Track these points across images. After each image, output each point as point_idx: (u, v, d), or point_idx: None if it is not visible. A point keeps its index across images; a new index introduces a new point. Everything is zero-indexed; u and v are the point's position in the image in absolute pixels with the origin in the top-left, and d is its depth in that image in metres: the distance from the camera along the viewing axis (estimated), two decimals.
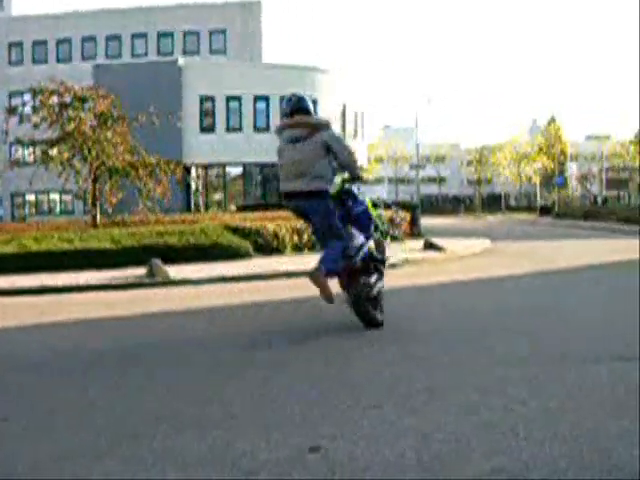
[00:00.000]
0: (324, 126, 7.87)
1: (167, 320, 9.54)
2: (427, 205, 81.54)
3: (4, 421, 4.87)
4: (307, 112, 8.05)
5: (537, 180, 79.31)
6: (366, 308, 7.62)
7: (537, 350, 6.49)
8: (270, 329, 8.23)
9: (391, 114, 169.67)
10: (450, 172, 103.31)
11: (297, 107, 8.10)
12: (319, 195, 7.66)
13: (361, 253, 7.78)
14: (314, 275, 7.42)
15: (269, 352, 6.87)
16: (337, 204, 7.86)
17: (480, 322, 8.29)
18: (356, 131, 49.34)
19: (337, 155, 7.72)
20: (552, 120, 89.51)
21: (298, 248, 19.05)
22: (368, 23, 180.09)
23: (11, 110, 24.70)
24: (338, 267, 7.61)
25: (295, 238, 19.11)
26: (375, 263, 8.06)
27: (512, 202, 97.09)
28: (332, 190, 7.81)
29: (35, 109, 22.82)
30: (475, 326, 7.99)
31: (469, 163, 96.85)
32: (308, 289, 8.17)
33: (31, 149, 24.47)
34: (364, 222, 8.13)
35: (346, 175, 8.00)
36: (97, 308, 10.74)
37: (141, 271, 14.21)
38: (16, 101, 41.79)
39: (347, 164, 7.82)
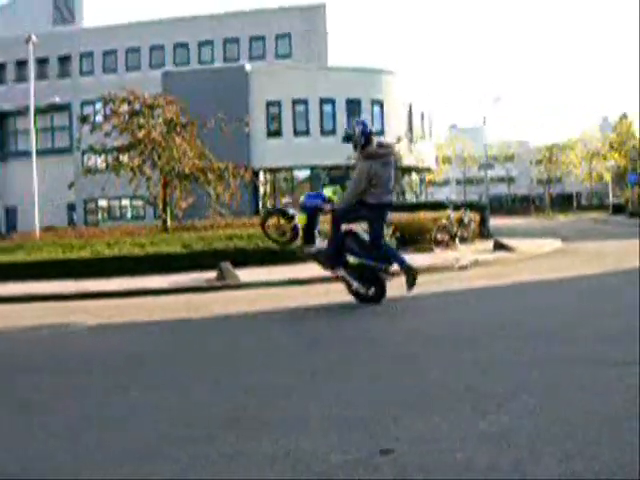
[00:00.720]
0: (393, 148, 10.48)
1: (241, 322, 9.62)
2: (496, 205, 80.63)
3: (82, 419, 4.97)
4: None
5: (609, 178, 77.62)
6: None
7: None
8: (343, 331, 8.22)
9: (458, 113, 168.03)
10: (519, 171, 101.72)
11: (368, 133, 10.16)
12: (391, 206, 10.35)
13: None
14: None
15: (341, 353, 6.86)
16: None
17: (561, 324, 8.13)
18: (423, 131, 49.04)
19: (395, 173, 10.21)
20: (624, 116, 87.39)
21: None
22: (434, 22, 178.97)
23: (83, 119, 25.23)
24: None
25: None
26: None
27: (583, 201, 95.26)
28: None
29: (106, 117, 23.32)
30: (559, 328, 7.84)
31: (538, 162, 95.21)
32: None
33: (103, 156, 24.98)
34: None
35: None
36: (169, 311, 10.90)
37: (211, 275, 14.37)
38: (88, 110, 42.73)
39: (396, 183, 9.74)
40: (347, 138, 10.33)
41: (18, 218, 52.30)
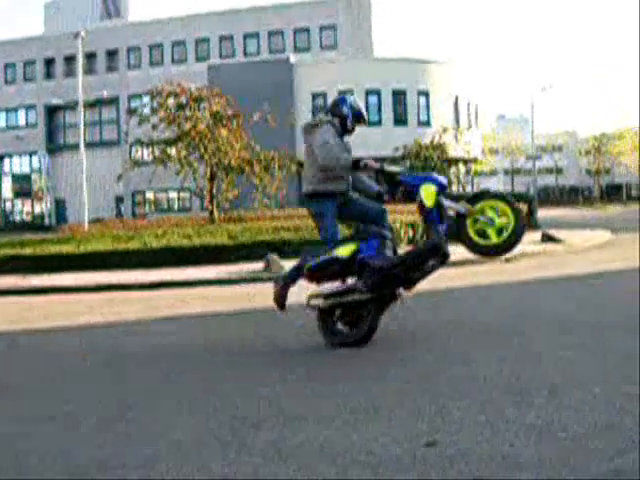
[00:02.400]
0: (315, 126, 7.13)
1: (289, 314, 9.64)
2: (544, 196, 79.69)
3: (129, 410, 5.04)
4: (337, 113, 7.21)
5: None
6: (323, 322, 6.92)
7: None
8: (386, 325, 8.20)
9: (506, 103, 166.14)
10: (567, 162, 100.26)
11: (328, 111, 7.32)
12: (309, 198, 7.11)
13: (319, 260, 6.84)
14: (274, 280, 7.42)
15: (387, 348, 6.84)
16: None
17: (608, 317, 8.02)
18: (469, 122, 48.61)
19: (317, 156, 6.90)
20: None
21: (412, 242, 18.91)
22: (481, 10, 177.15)
23: (131, 112, 25.52)
24: (293, 276, 7.23)
25: (410, 232, 18.98)
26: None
27: (634, 192, 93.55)
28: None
29: (153, 110, 23.53)
30: (605, 322, 7.74)
31: (587, 152, 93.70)
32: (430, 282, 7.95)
33: (150, 149, 25.23)
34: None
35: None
36: (216, 302, 10.98)
37: (258, 266, 14.43)
38: (135, 103, 43.21)
39: (323, 165, 6.84)
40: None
41: (67, 210, 53.14)
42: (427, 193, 6.61)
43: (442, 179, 6.89)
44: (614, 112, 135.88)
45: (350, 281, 6.80)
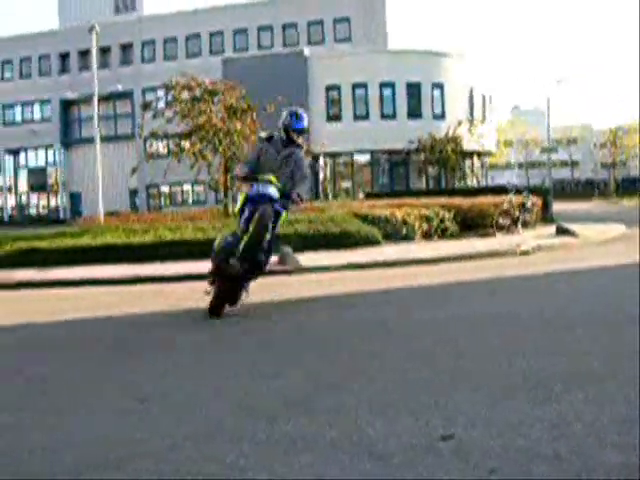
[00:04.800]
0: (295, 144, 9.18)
1: (302, 305, 9.67)
2: (559, 190, 79.26)
3: (142, 402, 5.06)
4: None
5: None
6: None
7: None
8: (403, 316, 8.20)
9: (521, 95, 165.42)
10: (582, 155, 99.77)
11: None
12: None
13: None
14: None
15: (400, 342, 6.85)
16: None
17: (623, 312, 7.99)
18: (484, 115, 48.46)
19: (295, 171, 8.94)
20: None
21: (427, 235, 18.90)
22: (495, 2, 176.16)
23: (145, 106, 25.57)
24: None
25: (424, 225, 18.96)
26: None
27: None
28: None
29: (168, 103, 23.57)
30: (621, 317, 7.71)
31: (602, 145, 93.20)
32: (442, 275, 8.04)
33: (165, 142, 25.29)
34: None
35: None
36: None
37: (272, 259, 14.42)
38: (150, 97, 43.29)
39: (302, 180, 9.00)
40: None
41: (82, 203, 53.39)
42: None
43: None
44: (630, 105, 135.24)
45: None
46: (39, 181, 58.10)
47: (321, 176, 45.01)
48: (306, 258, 14.55)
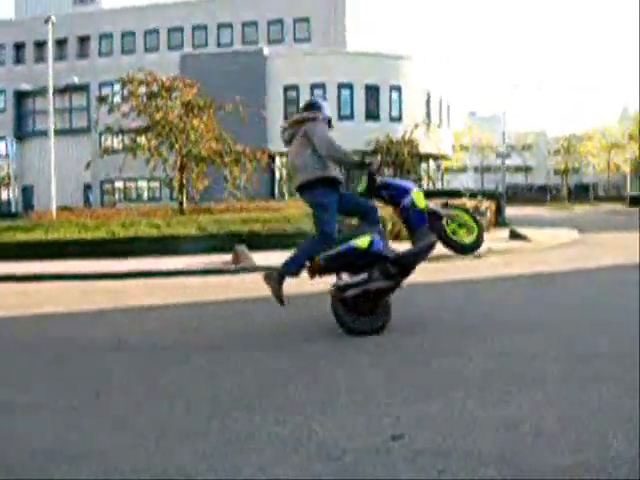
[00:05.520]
0: (307, 119, 7.54)
1: (252, 306, 9.64)
2: (513, 194, 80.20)
3: (97, 398, 5.00)
4: (314, 109, 7.74)
5: (627, 170, 77.02)
6: (336, 310, 7.03)
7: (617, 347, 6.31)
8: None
9: (477, 101, 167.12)
10: (536, 161, 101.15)
11: (303, 109, 7.83)
12: (308, 187, 7.29)
13: (334, 251, 6.98)
14: (267, 277, 7.25)
15: (348, 340, 6.86)
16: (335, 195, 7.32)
17: (573, 317, 8.11)
18: (441, 119, 48.82)
19: (316, 147, 7.25)
20: None
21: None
22: (454, 8, 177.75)
23: (101, 100, 25.26)
24: (296, 268, 7.24)
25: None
26: (376, 261, 7.05)
27: (600, 192, 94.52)
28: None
29: (124, 98, 23.34)
30: (572, 321, 7.83)
31: (556, 152, 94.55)
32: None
33: (120, 137, 25.03)
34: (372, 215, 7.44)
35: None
36: (181, 293, 10.93)
37: (226, 257, 14.39)
38: (106, 91, 42.81)
39: (328, 155, 7.22)
40: None
41: (35, 197, 52.59)
42: (418, 197, 7.41)
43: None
44: (583, 114, 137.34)
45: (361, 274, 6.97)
46: None
47: (277, 176, 44.96)
48: (260, 257, 14.51)
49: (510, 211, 34.30)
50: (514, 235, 19.69)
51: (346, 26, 49.60)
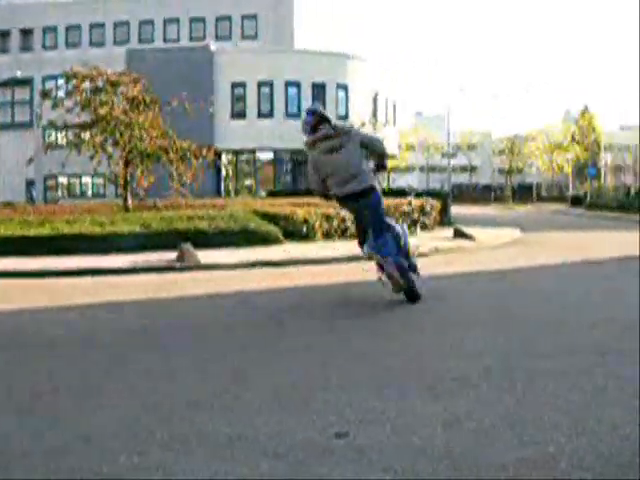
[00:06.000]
0: (350, 130, 8.98)
1: (196, 303, 9.60)
2: (458, 194, 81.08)
3: (54, 393, 4.94)
4: (328, 121, 8.90)
5: (569, 170, 78.46)
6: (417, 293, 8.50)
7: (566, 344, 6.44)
8: (297, 313, 8.24)
9: (423, 101, 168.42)
10: (481, 161, 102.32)
11: (319, 120, 8.90)
12: (370, 192, 8.52)
13: (405, 240, 8.62)
14: (387, 270, 8.28)
15: (295, 336, 6.88)
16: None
17: (518, 311, 8.24)
18: (387, 118, 49.13)
19: (373, 148, 8.75)
20: (585, 110, 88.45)
21: (328, 235, 19.00)
22: (402, 10, 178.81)
23: (45, 94, 24.81)
24: (399, 259, 8.35)
25: (325, 225, 19.05)
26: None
27: (543, 192, 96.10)
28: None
29: (68, 93, 22.98)
30: (519, 317, 7.95)
31: (500, 152, 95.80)
32: (335, 274, 8.14)
33: (64, 133, 24.63)
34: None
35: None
36: (126, 291, 10.83)
37: (171, 255, 14.28)
38: (50, 85, 42.08)
39: (381, 153, 8.83)
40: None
41: None
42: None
43: None
44: (527, 115, 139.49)
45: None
46: None
47: (223, 173, 44.75)
48: (205, 255, 14.43)
49: (455, 210, 34.72)
50: (459, 234, 19.90)
51: (294, 24, 49.60)
